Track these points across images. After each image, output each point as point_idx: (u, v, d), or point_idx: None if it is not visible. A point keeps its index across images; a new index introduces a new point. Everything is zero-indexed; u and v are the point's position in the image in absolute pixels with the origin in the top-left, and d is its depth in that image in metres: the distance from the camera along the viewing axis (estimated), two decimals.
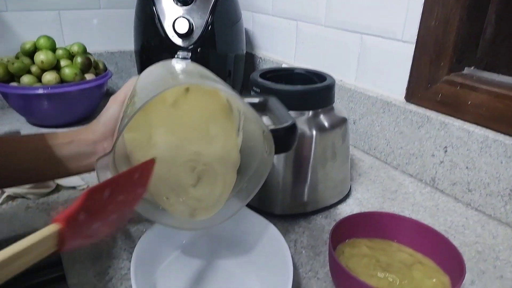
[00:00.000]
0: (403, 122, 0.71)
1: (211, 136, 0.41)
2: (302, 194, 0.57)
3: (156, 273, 0.45)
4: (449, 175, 0.65)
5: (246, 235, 0.48)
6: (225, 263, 0.47)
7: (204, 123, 0.41)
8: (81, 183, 0.63)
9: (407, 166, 0.72)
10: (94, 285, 0.44)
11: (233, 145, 0.42)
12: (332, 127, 0.57)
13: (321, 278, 0.47)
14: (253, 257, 0.47)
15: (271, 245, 0.46)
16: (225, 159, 0.42)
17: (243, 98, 0.40)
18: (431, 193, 0.66)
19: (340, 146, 0.58)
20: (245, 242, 0.48)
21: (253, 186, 0.42)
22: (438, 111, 0.67)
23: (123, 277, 0.46)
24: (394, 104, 0.72)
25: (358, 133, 0.82)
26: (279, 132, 0.39)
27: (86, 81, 0.84)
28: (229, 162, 0.42)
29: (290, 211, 0.58)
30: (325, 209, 0.60)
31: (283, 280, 0.40)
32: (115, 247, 0.50)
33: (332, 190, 0.60)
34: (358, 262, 0.44)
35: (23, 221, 0.55)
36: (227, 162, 0.42)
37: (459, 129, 0.62)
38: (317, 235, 0.54)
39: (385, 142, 0.76)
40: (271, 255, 0.45)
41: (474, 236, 0.56)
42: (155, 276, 0.45)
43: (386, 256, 0.45)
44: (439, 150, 0.66)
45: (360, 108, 0.80)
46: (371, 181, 0.70)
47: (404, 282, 0.41)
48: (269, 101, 0.49)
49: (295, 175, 0.56)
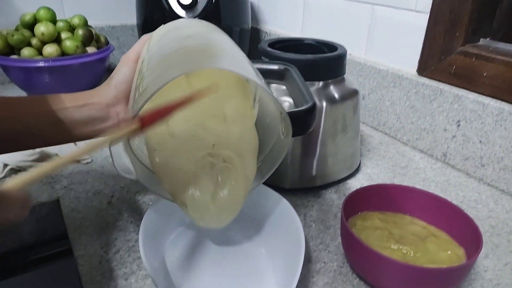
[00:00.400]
0: (414, 96, 0.69)
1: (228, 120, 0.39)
2: (311, 167, 0.56)
3: (164, 245, 0.44)
4: (461, 150, 0.64)
5: (257, 209, 0.47)
6: (235, 237, 0.46)
7: (219, 102, 0.39)
8: (85, 156, 0.62)
9: (417, 142, 0.71)
10: (101, 256, 0.44)
11: (251, 126, 0.40)
12: (343, 98, 0.55)
13: (332, 251, 0.46)
14: (264, 230, 0.46)
15: (282, 218, 0.45)
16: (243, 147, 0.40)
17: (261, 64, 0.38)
18: (442, 169, 0.65)
19: (351, 118, 0.57)
20: (256, 215, 0.47)
21: (268, 167, 0.40)
22: (452, 84, 0.65)
23: (131, 249, 0.45)
24: (405, 77, 0.70)
25: (367, 109, 0.80)
26: (298, 114, 0.38)
27: (88, 54, 0.82)
28: (249, 150, 0.40)
29: (299, 185, 0.57)
30: (334, 184, 0.59)
31: (295, 252, 0.39)
32: (121, 220, 0.49)
33: (342, 164, 0.58)
34: (370, 234, 0.43)
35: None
36: (246, 151, 0.40)
37: (473, 102, 0.60)
38: (326, 209, 0.53)
39: (395, 117, 0.74)
40: (282, 228, 0.44)
41: (487, 210, 0.55)
42: (163, 248, 0.44)
43: (399, 229, 0.44)
44: (451, 124, 0.64)
45: (369, 82, 0.77)
46: (380, 156, 0.68)
47: (418, 255, 0.40)
48: (289, 71, 0.47)
49: (304, 148, 0.55)
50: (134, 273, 0.41)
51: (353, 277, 0.42)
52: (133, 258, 0.43)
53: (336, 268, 0.43)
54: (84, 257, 0.43)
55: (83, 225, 0.48)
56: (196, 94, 0.30)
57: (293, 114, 0.36)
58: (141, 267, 0.42)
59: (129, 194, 0.54)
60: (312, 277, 0.42)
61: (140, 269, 0.42)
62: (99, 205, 0.52)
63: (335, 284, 0.41)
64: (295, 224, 0.42)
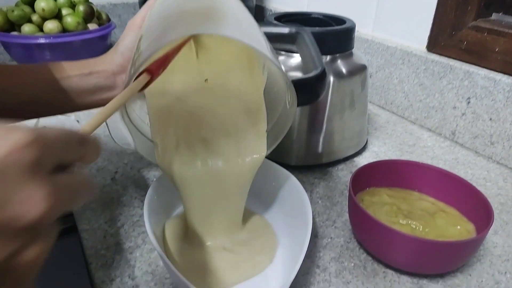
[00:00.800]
0: (423, 73, 0.67)
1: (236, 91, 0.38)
2: (317, 144, 0.55)
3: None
4: (470, 127, 0.62)
5: (264, 185, 0.46)
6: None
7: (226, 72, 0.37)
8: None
9: (425, 120, 0.69)
10: (106, 231, 0.43)
11: (259, 95, 0.39)
12: (350, 74, 0.54)
13: (339, 227, 0.45)
14: (271, 205, 0.46)
15: (289, 193, 0.44)
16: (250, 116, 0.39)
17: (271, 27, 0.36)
18: (450, 147, 0.64)
19: (358, 94, 0.55)
20: (263, 191, 0.46)
21: (273, 139, 0.39)
22: (462, 60, 0.63)
23: (135, 223, 0.44)
24: (414, 54, 0.68)
25: (374, 87, 0.78)
26: (306, 81, 0.36)
27: (89, 30, 0.80)
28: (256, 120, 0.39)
29: (304, 162, 0.56)
30: (341, 162, 0.58)
31: (302, 227, 0.38)
32: (125, 195, 0.49)
33: (349, 141, 0.57)
34: (378, 209, 0.42)
35: None
36: (253, 121, 0.39)
37: (484, 78, 0.59)
38: (333, 186, 0.53)
39: (403, 96, 0.72)
40: (289, 203, 0.43)
41: (496, 188, 0.54)
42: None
43: (407, 204, 0.44)
44: (461, 102, 0.63)
45: (377, 60, 0.76)
46: (388, 135, 0.67)
47: (427, 230, 0.39)
48: (300, 35, 0.44)
49: (311, 124, 0.54)
50: (139, 247, 0.41)
51: (360, 252, 0.42)
52: (138, 233, 0.43)
53: (343, 244, 0.43)
54: (88, 231, 0.43)
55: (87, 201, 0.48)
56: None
57: (301, 81, 0.35)
58: (146, 241, 0.42)
59: (133, 170, 0.54)
60: (318, 252, 0.41)
61: (145, 243, 0.42)
62: (103, 181, 0.51)
63: (342, 259, 0.41)
64: (302, 199, 0.41)
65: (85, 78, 0.40)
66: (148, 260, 0.39)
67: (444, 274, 0.39)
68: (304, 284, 0.38)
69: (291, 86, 0.33)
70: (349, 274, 0.39)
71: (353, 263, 0.40)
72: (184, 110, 0.37)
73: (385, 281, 0.38)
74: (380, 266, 0.40)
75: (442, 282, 0.38)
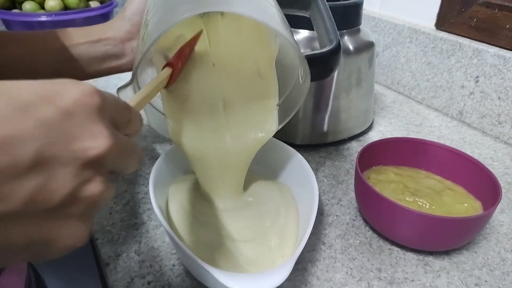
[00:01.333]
0: (431, 51, 0.66)
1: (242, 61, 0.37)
2: (322, 123, 0.55)
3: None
4: (478, 107, 0.61)
5: (270, 162, 0.46)
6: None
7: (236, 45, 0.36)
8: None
9: (432, 100, 0.68)
10: (111, 207, 0.43)
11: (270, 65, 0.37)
12: (358, 50, 0.53)
13: (345, 205, 0.45)
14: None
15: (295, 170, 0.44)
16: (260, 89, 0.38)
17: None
18: (457, 127, 0.63)
19: (365, 72, 0.55)
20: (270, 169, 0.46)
21: (284, 114, 0.39)
22: (472, 38, 0.61)
23: (140, 200, 0.44)
24: (423, 32, 0.67)
25: (381, 67, 0.77)
26: (320, 57, 0.35)
27: (91, 8, 0.79)
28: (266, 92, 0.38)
29: (310, 141, 0.55)
30: (346, 141, 0.58)
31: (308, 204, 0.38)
32: (130, 173, 0.49)
33: (355, 120, 0.57)
34: (385, 187, 0.42)
35: None
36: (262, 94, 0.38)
37: (494, 56, 0.57)
38: (338, 165, 0.52)
39: (410, 75, 0.71)
40: (295, 180, 0.43)
41: (503, 168, 0.53)
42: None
43: (414, 182, 0.43)
44: (469, 81, 0.62)
45: (384, 38, 0.74)
46: (394, 115, 0.67)
47: (434, 207, 0.39)
48: (315, 0, 0.42)
49: (316, 102, 0.53)
50: (145, 223, 0.41)
51: (365, 230, 0.42)
52: (143, 210, 0.43)
53: (349, 221, 0.43)
54: None
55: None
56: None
57: (315, 56, 0.34)
58: (151, 217, 0.42)
59: None
60: (324, 229, 0.41)
61: (150, 219, 0.42)
62: None
63: (347, 236, 0.41)
64: (308, 176, 0.41)
65: (93, 45, 0.39)
66: (154, 236, 0.40)
67: (450, 251, 0.39)
68: (310, 260, 0.38)
69: (305, 62, 0.32)
70: (355, 251, 0.39)
71: (359, 240, 0.40)
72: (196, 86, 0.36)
73: (391, 257, 0.38)
74: (385, 243, 0.40)
75: (447, 259, 0.38)
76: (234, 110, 0.37)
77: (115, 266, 0.36)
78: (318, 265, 0.37)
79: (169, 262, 0.37)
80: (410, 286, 0.35)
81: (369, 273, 0.37)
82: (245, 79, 0.37)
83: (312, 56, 0.34)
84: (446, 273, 0.37)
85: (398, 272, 0.37)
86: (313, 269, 0.37)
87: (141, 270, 0.36)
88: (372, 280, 0.36)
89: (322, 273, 0.36)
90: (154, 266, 0.36)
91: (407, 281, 0.36)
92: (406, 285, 0.35)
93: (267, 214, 0.39)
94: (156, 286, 0.34)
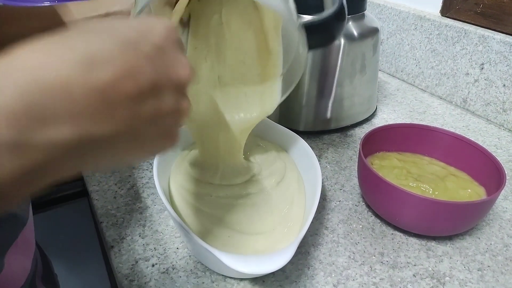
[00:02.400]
0: (436, 38, 0.66)
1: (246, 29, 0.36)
2: (326, 110, 0.54)
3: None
4: (483, 94, 0.61)
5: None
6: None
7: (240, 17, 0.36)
8: None
9: (436, 88, 0.68)
10: (116, 192, 0.43)
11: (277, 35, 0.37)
12: (362, 36, 0.52)
13: (347, 191, 0.45)
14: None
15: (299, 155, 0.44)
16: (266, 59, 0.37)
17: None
18: (461, 114, 0.63)
19: (370, 58, 0.54)
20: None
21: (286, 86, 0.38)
22: (477, 25, 0.61)
23: (145, 185, 0.45)
24: (428, 18, 0.66)
25: (385, 55, 0.76)
26: (322, 22, 0.34)
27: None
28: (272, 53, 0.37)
29: (313, 128, 0.55)
30: (350, 128, 0.58)
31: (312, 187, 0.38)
32: None
33: (358, 107, 0.57)
34: (388, 173, 0.42)
35: None
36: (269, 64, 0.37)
37: (500, 43, 0.57)
38: (341, 151, 0.52)
39: (414, 63, 0.71)
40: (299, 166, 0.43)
41: (507, 155, 0.53)
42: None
43: (417, 168, 0.43)
44: (474, 68, 0.61)
45: (388, 26, 0.74)
46: (397, 102, 0.66)
47: (437, 192, 0.39)
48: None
49: (320, 88, 0.53)
50: (149, 207, 0.41)
51: (368, 215, 0.42)
52: (148, 194, 0.43)
53: (352, 207, 0.43)
54: (98, 193, 0.43)
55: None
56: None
57: (314, 23, 0.33)
58: (155, 202, 0.42)
59: None
60: (327, 214, 0.42)
61: (155, 204, 0.42)
62: None
63: (350, 221, 0.41)
64: (311, 161, 0.41)
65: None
66: (158, 220, 0.40)
67: (453, 237, 0.39)
68: (312, 244, 0.38)
69: (302, 30, 0.31)
70: (357, 235, 0.39)
71: (361, 225, 0.40)
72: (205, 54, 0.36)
73: (393, 242, 0.39)
74: (388, 228, 0.40)
75: (450, 244, 0.39)
76: (238, 80, 0.37)
77: (120, 249, 0.37)
78: (321, 249, 0.37)
79: (173, 245, 0.37)
80: (413, 270, 0.36)
81: (372, 257, 0.37)
82: (250, 48, 0.37)
83: (311, 22, 0.33)
84: (449, 258, 0.37)
85: (401, 257, 0.37)
86: (316, 253, 0.37)
87: (145, 253, 0.36)
88: (374, 264, 0.36)
89: (324, 257, 0.37)
90: (158, 249, 0.37)
91: (409, 265, 0.36)
92: (409, 270, 0.36)
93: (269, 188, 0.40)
94: (160, 268, 0.35)
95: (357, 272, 0.35)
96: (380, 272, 0.35)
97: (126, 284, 0.33)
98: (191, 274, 0.34)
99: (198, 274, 0.34)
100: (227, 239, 0.35)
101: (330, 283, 0.34)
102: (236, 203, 0.39)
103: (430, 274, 0.35)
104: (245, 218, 0.37)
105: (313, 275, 0.35)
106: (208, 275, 0.34)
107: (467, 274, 0.36)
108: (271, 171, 0.42)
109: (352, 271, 0.35)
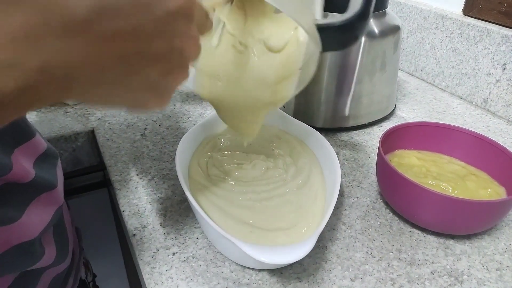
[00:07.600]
0: (458, 38, 0.65)
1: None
2: (344, 107, 0.55)
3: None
4: (504, 95, 0.60)
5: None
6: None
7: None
8: None
9: (457, 88, 0.67)
10: (137, 182, 0.45)
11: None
12: (383, 34, 0.52)
13: (365, 188, 0.45)
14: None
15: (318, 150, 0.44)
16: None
17: None
18: (481, 115, 0.62)
19: (390, 56, 0.54)
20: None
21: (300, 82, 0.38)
22: (501, 24, 0.60)
23: (165, 177, 0.45)
24: (450, 17, 0.65)
25: (404, 53, 0.76)
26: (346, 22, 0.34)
27: None
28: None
29: (331, 124, 0.55)
30: (367, 126, 0.58)
31: (331, 182, 0.39)
32: (155, 150, 0.50)
33: (377, 105, 0.56)
34: (407, 171, 0.42)
35: (62, 124, 0.55)
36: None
37: None
38: (359, 149, 0.52)
39: (435, 62, 0.70)
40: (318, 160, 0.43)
41: None
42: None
43: (437, 167, 0.43)
44: (496, 68, 0.60)
45: (409, 24, 0.73)
46: (416, 101, 0.66)
47: (457, 191, 0.39)
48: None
49: (339, 85, 0.53)
50: (169, 198, 0.42)
51: (386, 212, 0.42)
52: (168, 185, 0.44)
53: (369, 203, 0.43)
54: (120, 182, 0.44)
55: (118, 154, 0.49)
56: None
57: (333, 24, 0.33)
58: (176, 193, 0.43)
59: (162, 127, 0.55)
60: (345, 210, 0.42)
61: (175, 195, 0.43)
62: (133, 136, 0.53)
63: (367, 218, 0.41)
64: (330, 156, 0.41)
65: None
66: (178, 210, 0.41)
67: (471, 236, 0.39)
68: (330, 238, 0.38)
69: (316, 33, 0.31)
70: (375, 232, 0.39)
71: (379, 222, 0.41)
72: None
73: (411, 239, 0.39)
74: (406, 226, 0.40)
75: (469, 243, 0.39)
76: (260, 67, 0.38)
77: (141, 237, 0.38)
78: (339, 244, 0.38)
79: (193, 235, 0.38)
80: (430, 267, 0.36)
81: (389, 253, 0.37)
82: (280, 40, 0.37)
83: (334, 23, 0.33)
84: (467, 257, 0.37)
85: (419, 254, 0.37)
86: (333, 247, 0.37)
87: (166, 242, 0.37)
88: (392, 260, 0.36)
89: (342, 252, 0.37)
90: (179, 238, 0.37)
91: (427, 262, 0.36)
92: (426, 267, 0.36)
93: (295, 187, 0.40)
94: (181, 257, 0.36)
95: (374, 267, 0.35)
96: (398, 268, 0.35)
97: (148, 271, 0.34)
98: (211, 264, 0.35)
99: (218, 264, 0.35)
100: (249, 234, 0.35)
101: (348, 277, 0.34)
102: (260, 202, 0.39)
103: (448, 272, 0.35)
104: (268, 216, 0.38)
105: (330, 269, 0.35)
106: (227, 265, 0.35)
107: (485, 273, 0.35)
108: (298, 168, 0.43)
109: (370, 266, 0.36)
